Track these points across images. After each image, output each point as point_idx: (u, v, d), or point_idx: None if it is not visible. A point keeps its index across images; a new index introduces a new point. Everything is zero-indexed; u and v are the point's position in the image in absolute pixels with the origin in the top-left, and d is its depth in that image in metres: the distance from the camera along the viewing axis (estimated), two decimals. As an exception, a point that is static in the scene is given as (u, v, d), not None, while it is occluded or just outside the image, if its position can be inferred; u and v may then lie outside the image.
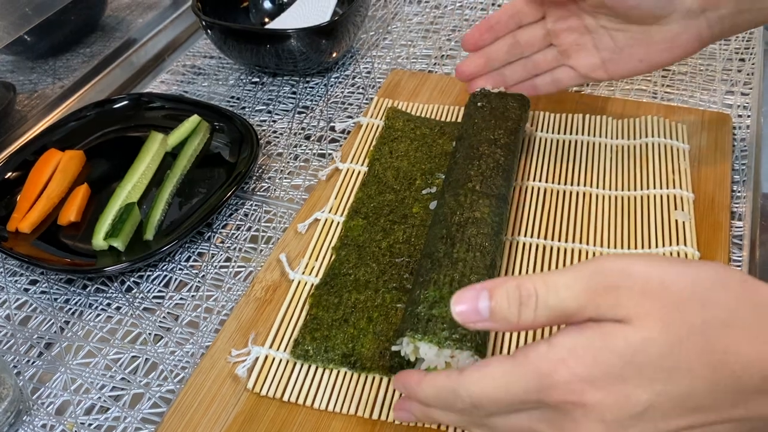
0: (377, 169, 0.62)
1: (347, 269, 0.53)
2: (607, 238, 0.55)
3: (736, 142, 0.65)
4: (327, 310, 0.50)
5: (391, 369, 0.47)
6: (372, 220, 0.57)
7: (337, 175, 0.63)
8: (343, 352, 0.48)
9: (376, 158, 0.63)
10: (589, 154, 0.62)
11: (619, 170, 0.61)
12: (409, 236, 0.55)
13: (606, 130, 0.65)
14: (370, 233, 0.56)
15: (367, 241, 0.55)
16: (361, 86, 0.77)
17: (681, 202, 0.57)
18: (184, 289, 0.56)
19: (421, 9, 0.90)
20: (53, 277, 0.58)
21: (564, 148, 0.64)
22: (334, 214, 0.59)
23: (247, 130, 0.67)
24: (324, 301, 0.51)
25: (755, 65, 0.74)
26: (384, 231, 0.56)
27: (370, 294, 0.51)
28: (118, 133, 0.71)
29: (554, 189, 0.60)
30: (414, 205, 0.58)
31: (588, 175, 0.61)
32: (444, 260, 0.47)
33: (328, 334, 0.49)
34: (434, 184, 0.59)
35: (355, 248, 0.55)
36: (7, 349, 0.53)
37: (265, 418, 0.45)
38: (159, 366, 0.51)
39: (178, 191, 0.63)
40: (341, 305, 0.51)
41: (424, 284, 0.46)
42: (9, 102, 0.78)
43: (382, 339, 0.48)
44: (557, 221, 0.57)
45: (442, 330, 0.42)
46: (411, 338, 0.43)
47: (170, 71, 0.83)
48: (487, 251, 0.48)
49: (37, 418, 0.48)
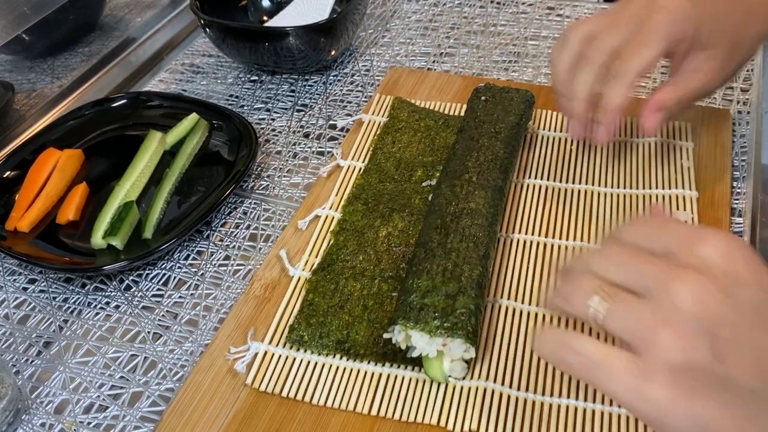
0: (379, 158, 0.62)
1: (345, 255, 0.53)
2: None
3: (736, 139, 0.65)
4: (323, 297, 0.51)
5: (384, 356, 0.47)
6: (371, 207, 0.57)
7: (338, 172, 0.63)
8: (338, 338, 0.48)
9: (379, 147, 0.63)
10: (590, 152, 0.62)
11: (621, 168, 0.61)
12: (407, 225, 0.55)
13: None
14: (369, 219, 0.56)
15: (366, 227, 0.55)
16: (360, 84, 0.77)
17: (684, 202, 0.57)
18: (183, 288, 0.56)
19: (419, 7, 0.89)
20: (52, 276, 0.58)
21: (565, 145, 0.63)
22: (335, 211, 0.59)
23: (245, 128, 0.67)
24: (321, 287, 0.51)
25: (755, 62, 0.74)
26: (383, 218, 0.56)
27: (366, 282, 0.51)
28: (116, 131, 0.71)
29: (555, 187, 0.60)
30: (413, 196, 0.58)
31: (590, 172, 0.60)
32: (437, 250, 0.47)
33: (324, 321, 0.49)
34: (434, 176, 0.59)
35: (354, 233, 0.55)
36: (6, 348, 0.53)
37: (264, 416, 0.45)
38: (158, 364, 0.50)
39: (177, 190, 0.63)
40: (337, 292, 0.51)
41: (417, 273, 0.46)
42: (7, 101, 0.78)
43: (377, 326, 0.49)
44: (558, 219, 0.57)
45: (433, 319, 0.43)
46: (403, 326, 0.44)
47: (169, 70, 0.83)
48: (480, 242, 0.48)
49: (36, 417, 0.48)
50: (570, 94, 0.53)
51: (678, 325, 0.31)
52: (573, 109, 0.53)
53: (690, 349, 0.30)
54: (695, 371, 0.30)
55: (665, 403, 0.30)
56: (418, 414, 0.45)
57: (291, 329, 0.49)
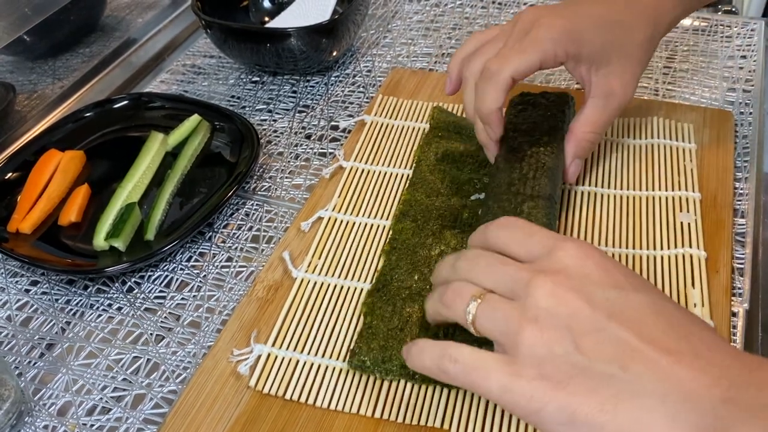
0: (423, 171, 0.60)
1: (399, 275, 0.52)
2: (612, 238, 0.55)
3: (738, 140, 0.65)
4: (382, 320, 0.49)
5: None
6: (421, 224, 0.55)
7: (340, 173, 0.63)
8: (401, 362, 0.45)
9: (422, 159, 0.61)
10: (593, 153, 0.62)
11: (624, 169, 0.60)
12: (459, 243, 0.53)
13: (610, 128, 0.64)
14: (420, 237, 0.54)
15: (417, 245, 0.54)
16: (362, 85, 0.77)
17: (687, 204, 0.57)
18: (185, 290, 0.56)
19: (421, 7, 0.89)
20: (54, 278, 0.58)
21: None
22: (338, 212, 0.59)
23: (247, 129, 0.67)
24: (378, 309, 0.50)
25: (757, 62, 0.74)
26: (434, 235, 0.54)
27: (423, 303, 0.47)
28: (118, 133, 0.71)
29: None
30: (462, 211, 0.56)
31: (592, 174, 0.60)
32: None
33: (385, 345, 0.47)
34: (482, 189, 0.58)
35: (406, 252, 0.53)
36: (9, 350, 0.53)
37: (267, 418, 0.45)
38: (161, 366, 0.50)
39: (179, 191, 0.63)
40: (395, 314, 0.49)
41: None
42: (9, 102, 0.78)
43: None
44: (561, 221, 0.57)
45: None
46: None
47: (170, 71, 0.83)
48: None
49: (38, 419, 0.48)
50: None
51: (540, 322, 0.34)
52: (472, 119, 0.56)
53: (551, 342, 0.34)
54: (558, 363, 0.33)
55: (535, 396, 0.33)
56: (422, 417, 0.45)
57: (352, 354, 0.47)
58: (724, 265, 0.52)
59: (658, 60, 0.76)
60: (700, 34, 0.80)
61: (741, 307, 0.51)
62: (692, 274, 0.51)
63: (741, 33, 0.79)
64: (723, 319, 0.49)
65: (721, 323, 0.48)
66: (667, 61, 0.76)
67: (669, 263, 0.52)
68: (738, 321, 0.50)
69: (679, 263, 0.52)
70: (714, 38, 0.79)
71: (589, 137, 0.54)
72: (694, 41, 0.79)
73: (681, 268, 0.52)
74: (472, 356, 0.36)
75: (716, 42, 0.78)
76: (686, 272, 0.52)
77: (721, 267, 0.52)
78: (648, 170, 0.60)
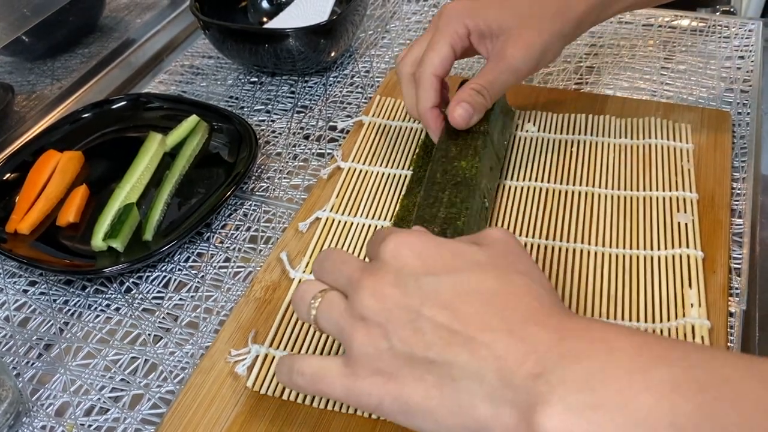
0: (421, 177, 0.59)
1: None
2: (608, 238, 0.55)
3: (736, 140, 0.65)
4: None
5: None
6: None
7: (338, 173, 0.63)
8: None
9: (420, 165, 0.61)
10: (590, 153, 0.62)
11: (621, 170, 0.61)
12: None
13: (608, 128, 0.65)
14: None
15: None
16: (360, 85, 0.77)
17: (684, 204, 0.57)
18: (183, 290, 0.56)
19: (419, 8, 0.89)
20: (52, 278, 0.58)
21: (565, 147, 0.63)
22: (336, 213, 0.59)
23: (245, 129, 0.67)
24: None
25: (755, 62, 0.74)
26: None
27: None
28: (116, 133, 0.71)
29: (555, 189, 0.59)
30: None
31: (589, 174, 0.60)
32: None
33: None
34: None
35: None
36: (7, 351, 0.53)
37: (264, 419, 0.45)
38: (158, 367, 0.51)
39: (177, 191, 0.63)
40: None
41: None
42: (7, 103, 0.78)
43: None
44: (558, 221, 0.57)
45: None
46: None
47: (168, 71, 0.83)
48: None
49: (36, 420, 0.48)
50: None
51: (366, 320, 0.36)
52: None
53: (376, 339, 0.35)
54: (386, 357, 0.35)
55: (373, 392, 0.35)
56: (419, 416, 0.45)
57: None
58: (722, 265, 0.52)
59: (656, 60, 0.76)
60: (698, 35, 0.80)
61: (738, 307, 0.51)
62: (689, 275, 0.51)
63: (739, 33, 0.79)
64: (720, 320, 0.49)
65: (718, 323, 0.48)
66: (664, 62, 0.76)
67: (666, 263, 0.52)
68: (735, 321, 0.50)
69: (677, 263, 0.52)
70: (712, 38, 0.79)
71: (473, 86, 0.55)
72: (692, 41, 0.79)
73: (678, 268, 0.52)
74: (316, 366, 0.38)
75: (714, 42, 0.78)
76: (683, 272, 0.52)
77: (718, 267, 0.52)
78: (645, 170, 0.60)
